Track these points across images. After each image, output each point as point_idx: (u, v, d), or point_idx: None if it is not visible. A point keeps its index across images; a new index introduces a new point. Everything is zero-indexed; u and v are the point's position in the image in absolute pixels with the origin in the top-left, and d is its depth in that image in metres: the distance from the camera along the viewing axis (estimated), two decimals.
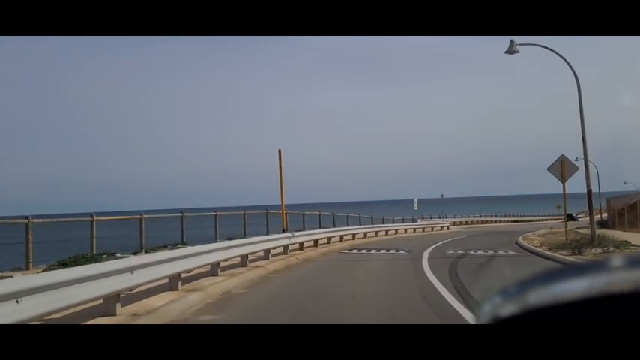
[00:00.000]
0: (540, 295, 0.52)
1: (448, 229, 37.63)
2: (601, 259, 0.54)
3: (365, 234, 25.22)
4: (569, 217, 66.29)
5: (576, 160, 47.66)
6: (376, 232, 26.84)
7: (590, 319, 0.49)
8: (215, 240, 20.53)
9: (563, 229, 30.85)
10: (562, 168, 17.20)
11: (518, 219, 60.49)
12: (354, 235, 23.46)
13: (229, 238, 19.57)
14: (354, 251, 17.58)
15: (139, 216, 16.43)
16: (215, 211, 21.10)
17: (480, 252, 16.13)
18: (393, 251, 17.15)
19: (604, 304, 0.48)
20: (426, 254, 15.65)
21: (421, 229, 33.94)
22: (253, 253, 12.45)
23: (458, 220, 46.91)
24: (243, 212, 23.60)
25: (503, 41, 16.05)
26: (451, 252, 16.35)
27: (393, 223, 34.93)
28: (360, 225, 27.97)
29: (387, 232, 28.58)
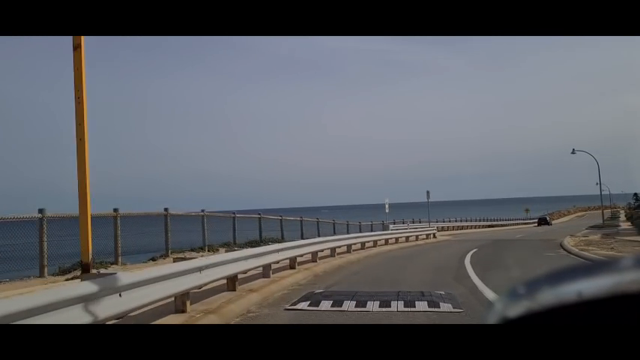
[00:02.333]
0: (549, 296, 0.51)
1: (434, 237, 28.37)
2: (610, 259, 0.51)
3: (332, 250, 15.35)
4: (543, 221, 59.05)
5: (573, 152, 38.22)
6: (348, 247, 16.98)
7: (599, 320, 0.48)
8: None
9: (597, 237, 22.78)
10: None
11: (493, 223, 53.97)
12: (314, 254, 13.45)
13: None
14: (324, 305, 7.49)
15: None
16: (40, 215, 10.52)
17: None
18: (415, 309, 7.23)
19: (613, 305, 0.47)
20: None
21: (404, 239, 24.43)
22: None
23: (436, 225, 37.82)
24: (115, 214, 13.00)
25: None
26: None
27: (360, 231, 25.71)
28: (319, 237, 18.07)
29: (363, 244, 18.78)
